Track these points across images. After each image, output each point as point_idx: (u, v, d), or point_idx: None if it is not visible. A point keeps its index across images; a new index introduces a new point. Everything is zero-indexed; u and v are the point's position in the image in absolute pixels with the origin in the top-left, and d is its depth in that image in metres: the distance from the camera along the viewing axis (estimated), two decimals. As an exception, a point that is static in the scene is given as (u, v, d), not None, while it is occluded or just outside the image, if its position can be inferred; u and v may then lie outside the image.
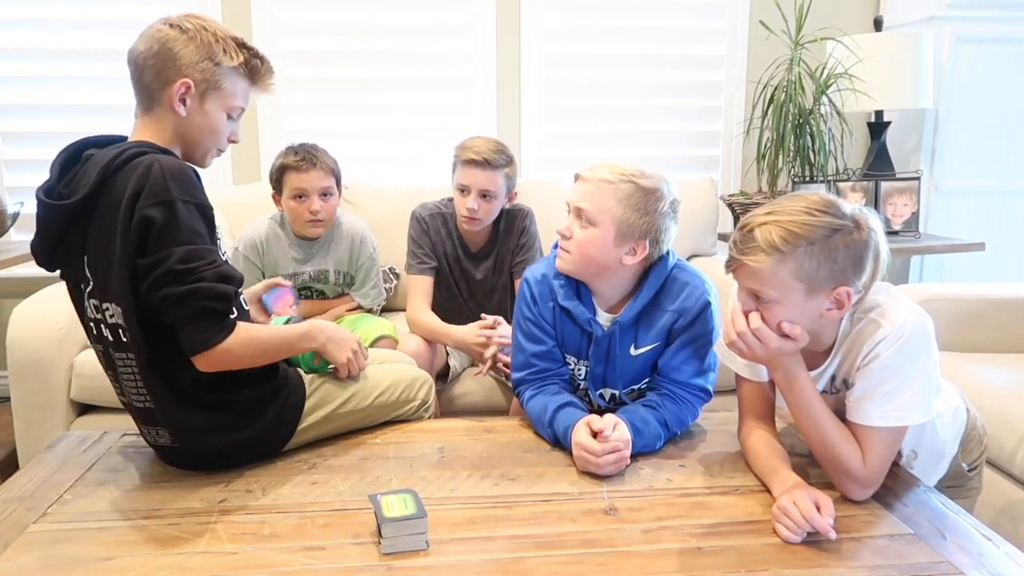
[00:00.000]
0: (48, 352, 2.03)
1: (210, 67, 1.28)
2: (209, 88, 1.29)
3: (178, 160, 1.26)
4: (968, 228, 2.91)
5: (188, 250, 1.19)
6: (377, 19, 2.88)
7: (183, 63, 1.27)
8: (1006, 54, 2.86)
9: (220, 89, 1.30)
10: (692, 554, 1.09)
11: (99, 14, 2.75)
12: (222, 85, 1.30)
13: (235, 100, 1.33)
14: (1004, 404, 1.79)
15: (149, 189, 1.18)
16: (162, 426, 1.32)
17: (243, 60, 1.31)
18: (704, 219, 2.74)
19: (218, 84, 1.30)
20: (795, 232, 1.13)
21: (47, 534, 1.14)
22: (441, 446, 1.46)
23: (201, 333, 1.21)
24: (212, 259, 1.21)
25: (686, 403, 1.49)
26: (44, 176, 1.28)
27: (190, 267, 1.18)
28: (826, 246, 1.13)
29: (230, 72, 1.31)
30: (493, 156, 2.01)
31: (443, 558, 1.08)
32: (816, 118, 2.72)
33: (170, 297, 1.18)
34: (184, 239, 1.19)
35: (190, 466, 1.36)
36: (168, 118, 1.29)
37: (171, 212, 1.18)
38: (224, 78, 1.30)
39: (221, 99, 1.31)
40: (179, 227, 1.19)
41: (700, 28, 3.03)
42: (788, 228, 1.13)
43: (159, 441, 1.35)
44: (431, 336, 2.04)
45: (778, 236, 1.13)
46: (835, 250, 1.13)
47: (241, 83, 1.34)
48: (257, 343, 1.30)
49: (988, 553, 1.08)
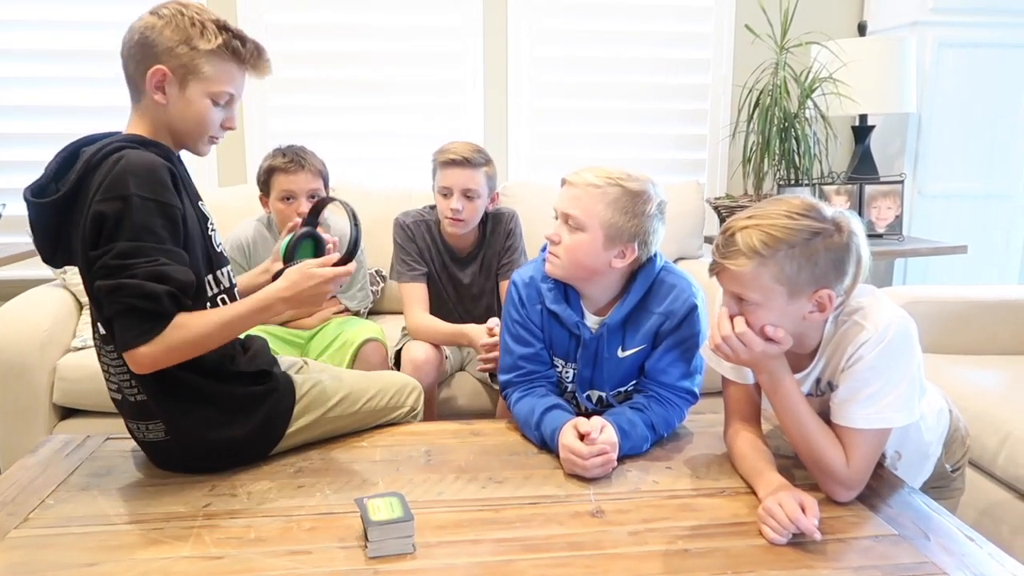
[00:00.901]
0: (31, 355, 2.01)
1: (187, 52, 1.24)
2: (188, 74, 1.25)
3: (151, 156, 1.22)
4: (951, 231, 2.94)
5: (130, 246, 1.16)
6: (365, 21, 2.88)
7: (159, 50, 1.23)
8: (988, 59, 2.89)
9: (200, 74, 1.26)
10: (678, 556, 1.09)
11: (87, 15, 2.73)
12: (202, 70, 1.25)
13: (219, 85, 1.27)
14: (987, 406, 1.81)
15: (108, 183, 1.17)
16: (154, 419, 1.31)
17: (222, 42, 1.25)
18: (690, 222, 2.75)
19: (197, 69, 1.25)
20: (775, 236, 1.14)
21: (29, 539, 1.12)
22: (428, 449, 1.46)
23: (124, 332, 1.18)
24: (154, 257, 1.17)
25: (673, 405, 1.49)
26: (30, 177, 1.27)
27: (125, 263, 1.16)
28: (806, 249, 1.14)
29: (210, 56, 1.25)
30: (472, 155, 2.01)
31: (430, 561, 1.07)
32: (801, 122, 2.74)
33: (101, 290, 1.17)
34: (130, 235, 1.16)
35: (178, 464, 1.35)
36: (152, 108, 1.27)
37: (125, 207, 1.16)
38: (204, 62, 1.25)
39: (202, 85, 1.26)
40: (129, 223, 1.16)
41: (686, 32, 3.05)
42: (768, 232, 1.14)
43: (148, 437, 1.34)
44: (440, 339, 2.02)
45: (759, 240, 1.14)
46: (816, 253, 1.14)
47: (225, 67, 1.27)
48: (197, 343, 1.23)
49: (971, 554, 1.09)
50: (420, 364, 1.93)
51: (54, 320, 2.12)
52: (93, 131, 1.33)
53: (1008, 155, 2.96)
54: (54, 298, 2.22)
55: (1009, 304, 2.24)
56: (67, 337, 2.17)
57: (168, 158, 1.26)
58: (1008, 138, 2.95)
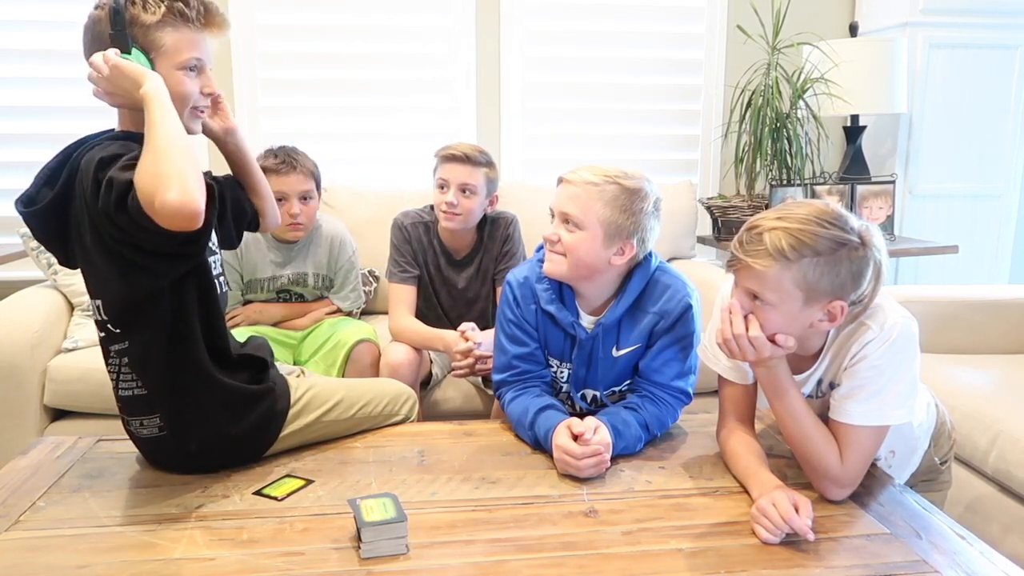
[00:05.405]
0: (21, 357, 2.00)
1: (138, 31, 1.21)
2: (148, 53, 1.22)
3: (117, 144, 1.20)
4: (942, 231, 2.96)
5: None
6: (356, 21, 2.87)
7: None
8: (978, 60, 2.91)
9: (159, 49, 1.22)
10: (672, 555, 1.09)
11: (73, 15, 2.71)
12: (159, 44, 1.22)
13: (181, 54, 1.24)
14: (978, 404, 1.82)
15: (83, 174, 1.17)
16: (151, 413, 1.31)
17: (165, 9, 1.21)
18: (683, 222, 2.76)
19: (153, 45, 1.22)
20: (803, 241, 1.13)
21: (20, 542, 1.12)
22: (421, 449, 1.46)
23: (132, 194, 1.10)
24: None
25: (666, 405, 1.49)
26: (30, 177, 1.26)
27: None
28: (831, 259, 1.14)
29: (160, 27, 1.22)
30: (473, 153, 2.01)
31: (423, 562, 1.07)
32: (793, 122, 2.75)
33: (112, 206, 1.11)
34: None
35: (171, 462, 1.35)
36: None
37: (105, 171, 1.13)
38: (158, 36, 1.22)
39: (166, 59, 1.23)
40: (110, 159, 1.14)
41: (678, 32, 3.05)
42: (797, 236, 1.13)
43: (143, 432, 1.34)
44: (417, 341, 2.02)
45: (787, 243, 1.13)
46: (839, 264, 1.14)
47: (179, 34, 1.23)
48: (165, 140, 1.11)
49: (963, 552, 1.10)
50: (397, 366, 1.92)
51: (45, 321, 2.11)
52: (92, 131, 1.32)
53: (998, 155, 2.98)
54: (45, 299, 2.20)
55: (999, 303, 2.26)
56: (58, 338, 2.16)
57: None
58: (998, 138, 2.97)
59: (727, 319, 1.22)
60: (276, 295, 2.21)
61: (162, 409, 1.31)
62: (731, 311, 1.21)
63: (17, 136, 2.73)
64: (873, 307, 1.22)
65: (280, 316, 2.20)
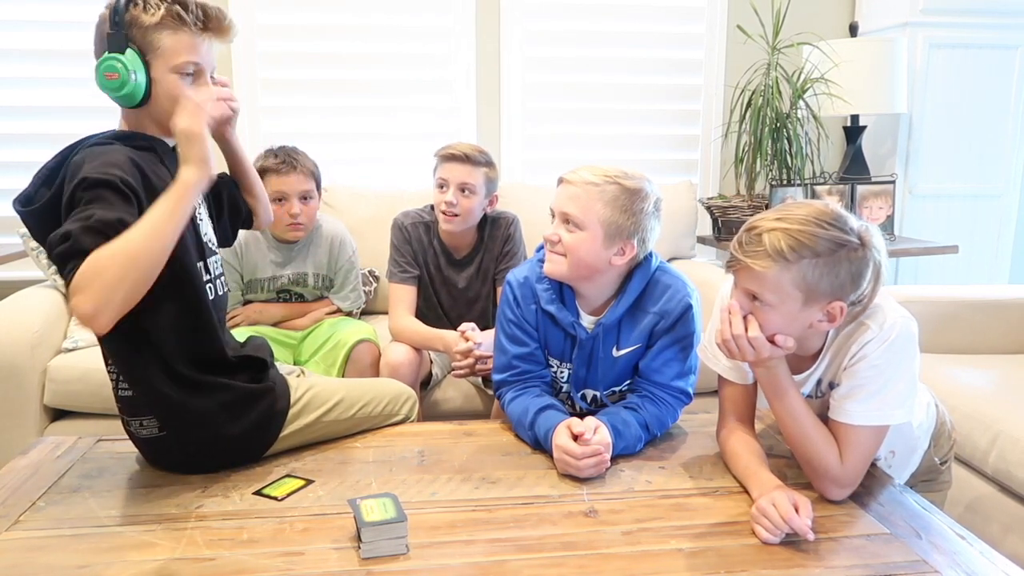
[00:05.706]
0: (21, 357, 2.00)
1: (137, 32, 1.22)
2: (146, 54, 1.22)
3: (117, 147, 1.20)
4: (942, 231, 2.96)
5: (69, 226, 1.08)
6: (356, 21, 2.87)
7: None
8: (978, 60, 2.91)
9: (156, 50, 1.22)
10: (672, 555, 1.09)
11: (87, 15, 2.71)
12: (156, 46, 1.22)
13: (177, 57, 1.24)
14: (978, 404, 1.82)
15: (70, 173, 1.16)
16: (151, 414, 1.31)
17: (164, 11, 1.22)
18: (683, 222, 2.76)
19: (151, 46, 1.22)
20: (803, 242, 1.13)
21: (20, 542, 1.12)
22: (421, 449, 1.46)
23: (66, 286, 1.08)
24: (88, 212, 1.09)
25: (666, 405, 1.49)
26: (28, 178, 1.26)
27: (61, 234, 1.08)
28: (831, 260, 1.14)
29: (159, 28, 1.22)
30: (473, 153, 2.02)
31: (423, 562, 1.07)
32: (793, 122, 2.75)
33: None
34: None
35: (172, 461, 1.35)
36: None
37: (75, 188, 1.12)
38: (156, 37, 1.22)
39: (162, 61, 1.23)
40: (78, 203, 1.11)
41: (678, 32, 3.06)
42: (796, 237, 1.13)
43: (142, 433, 1.33)
44: (418, 342, 2.02)
45: (786, 244, 1.13)
46: (838, 265, 1.14)
47: (177, 36, 1.23)
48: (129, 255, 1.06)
49: (963, 552, 1.10)
50: (397, 366, 1.92)
51: (45, 321, 2.11)
52: (92, 131, 1.32)
53: (998, 155, 2.98)
54: (45, 299, 2.20)
55: (999, 303, 2.26)
56: (58, 338, 2.16)
57: (153, 149, 1.26)
58: (998, 138, 2.97)
59: (727, 319, 1.22)
60: (276, 295, 2.21)
61: (155, 413, 1.31)
62: (730, 312, 1.21)
63: (17, 136, 2.73)
64: (873, 307, 1.22)
65: (280, 316, 2.20)
